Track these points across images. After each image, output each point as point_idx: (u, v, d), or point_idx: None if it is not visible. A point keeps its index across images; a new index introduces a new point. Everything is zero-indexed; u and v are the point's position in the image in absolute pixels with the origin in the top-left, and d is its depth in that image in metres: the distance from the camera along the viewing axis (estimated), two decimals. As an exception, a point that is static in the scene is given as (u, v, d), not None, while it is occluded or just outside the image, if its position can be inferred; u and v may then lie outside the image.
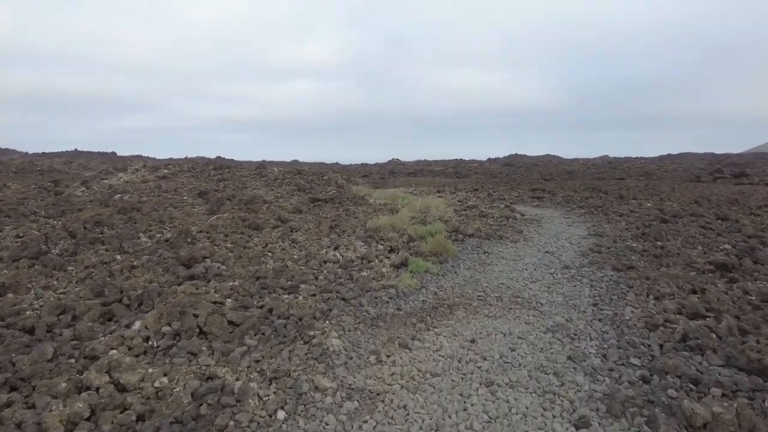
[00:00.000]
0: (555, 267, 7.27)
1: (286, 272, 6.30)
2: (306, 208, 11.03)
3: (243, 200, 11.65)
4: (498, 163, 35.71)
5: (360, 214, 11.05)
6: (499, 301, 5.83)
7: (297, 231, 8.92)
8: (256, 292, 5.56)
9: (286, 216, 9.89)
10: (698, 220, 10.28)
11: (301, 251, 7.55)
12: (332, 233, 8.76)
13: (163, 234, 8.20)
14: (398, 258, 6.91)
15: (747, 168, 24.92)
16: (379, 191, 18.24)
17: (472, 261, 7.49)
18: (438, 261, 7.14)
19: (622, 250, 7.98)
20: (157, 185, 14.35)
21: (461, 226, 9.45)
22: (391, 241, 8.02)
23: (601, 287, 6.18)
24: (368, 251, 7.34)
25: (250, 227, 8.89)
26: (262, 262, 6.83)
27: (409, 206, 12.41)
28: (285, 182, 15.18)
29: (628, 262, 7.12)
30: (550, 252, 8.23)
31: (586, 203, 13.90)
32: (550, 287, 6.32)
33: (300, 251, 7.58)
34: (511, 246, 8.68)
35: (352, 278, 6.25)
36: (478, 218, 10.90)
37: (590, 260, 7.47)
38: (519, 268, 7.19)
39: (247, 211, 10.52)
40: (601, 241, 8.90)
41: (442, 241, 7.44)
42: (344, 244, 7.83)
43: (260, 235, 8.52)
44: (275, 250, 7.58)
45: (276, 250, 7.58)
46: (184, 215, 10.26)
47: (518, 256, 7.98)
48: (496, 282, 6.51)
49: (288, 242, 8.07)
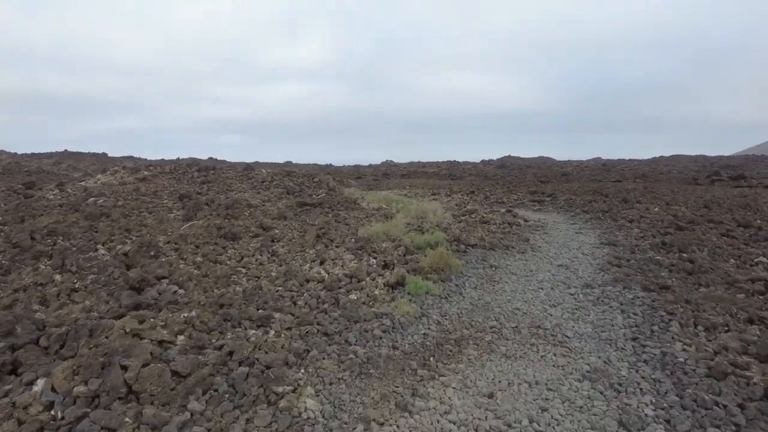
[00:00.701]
0: (574, 285, 6.09)
1: (258, 296, 5.07)
2: (292, 214, 9.79)
3: (223, 205, 10.38)
4: (492, 164, 34.61)
5: (351, 220, 9.83)
6: (516, 333, 4.63)
7: (279, 241, 7.68)
8: (216, 325, 4.33)
9: (268, 223, 8.64)
10: (718, 227, 9.16)
11: (281, 266, 6.32)
12: (319, 243, 7.53)
13: (126, 245, 6.93)
14: (393, 276, 5.70)
15: (743, 170, 23.99)
16: (372, 194, 17.03)
17: (479, 278, 6.29)
18: (440, 279, 5.94)
19: (645, 264, 6.82)
20: (136, 188, 13.03)
21: (462, 235, 8.26)
22: (385, 254, 6.80)
23: (636, 314, 5.00)
24: (358, 267, 6.12)
25: (226, 237, 7.64)
26: (233, 282, 5.59)
27: (405, 211, 11.21)
28: (273, 185, 13.91)
29: (659, 280, 5.96)
30: (565, 266, 7.06)
31: (590, 207, 12.77)
32: (574, 313, 5.14)
33: (279, 266, 6.35)
34: (520, 258, 7.50)
35: (338, 303, 5.04)
36: (479, 225, 9.72)
37: (613, 276, 6.30)
38: (533, 287, 6.01)
39: (226, 218, 9.26)
40: (617, 252, 7.75)
41: (443, 255, 6.24)
42: (331, 258, 6.61)
43: (236, 246, 7.27)
44: (250, 266, 6.34)
45: (251, 266, 6.34)
46: (157, 222, 8.99)
47: (529, 270, 6.80)
48: (509, 306, 5.31)
49: (267, 255, 6.83)
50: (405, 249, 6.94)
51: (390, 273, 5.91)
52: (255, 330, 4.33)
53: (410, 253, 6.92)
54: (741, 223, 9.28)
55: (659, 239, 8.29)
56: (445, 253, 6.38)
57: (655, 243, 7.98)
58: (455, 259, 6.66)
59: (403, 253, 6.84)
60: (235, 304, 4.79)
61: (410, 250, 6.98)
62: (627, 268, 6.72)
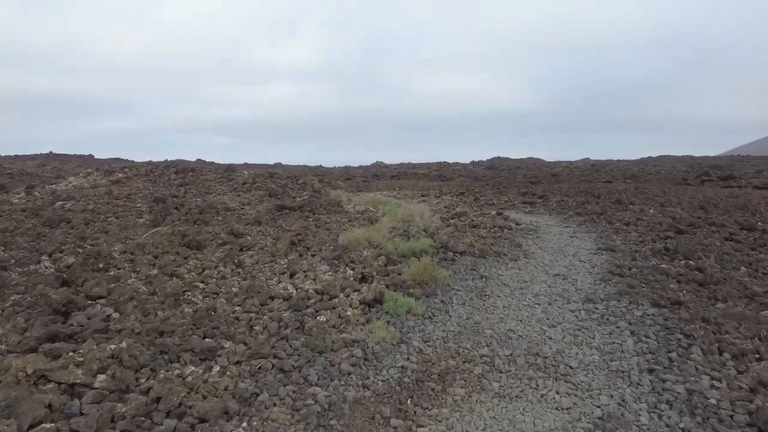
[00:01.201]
0: (574, 300, 5.31)
1: (209, 320, 4.23)
2: (268, 218, 8.93)
3: (195, 209, 9.50)
4: (482, 165, 33.92)
5: (333, 225, 9.00)
6: (511, 363, 3.83)
7: (248, 249, 6.83)
8: (149, 360, 3.48)
9: (240, 229, 7.78)
10: (720, 230, 8.46)
11: (245, 280, 5.47)
12: (293, 252, 6.69)
13: (71, 257, 6.04)
14: (371, 291, 4.88)
15: (731, 171, 23.49)
16: (359, 196, 16.21)
17: (467, 291, 5.49)
18: (423, 294, 5.13)
19: (650, 273, 6.07)
20: (108, 191, 12.09)
21: (451, 241, 7.46)
22: (364, 264, 5.98)
23: (648, 336, 4.23)
24: (333, 280, 5.30)
25: (190, 245, 6.78)
26: (184, 300, 4.74)
27: (390, 214, 10.40)
28: (255, 187, 13.03)
29: (669, 294, 5.20)
30: (562, 275, 6.29)
31: (583, 209, 12.04)
32: (576, 335, 4.35)
33: (243, 280, 5.51)
34: (512, 266, 6.72)
35: (303, 327, 4.21)
36: (468, 229, 8.93)
37: (617, 289, 5.53)
38: (528, 302, 5.22)
39: (195, 223, 8.38)
40: (616, 259, 7.00)
41: (428, 266, 5.43)
42: (303, 269, 5.77)
43: (199, 256, 6.41)
44: (210, 280, 5.49)
45: (211, 280, 5.50)
46: (120, 229, 8.09)
47: (523, 281, 6.02)
48: (502, 327, 4.51)
49: (231, 266, 5.98)
50: (386, 259, 6.11)
51: (367, 288, 5.08)
52: (196, 366, 3.49)
53: (392, 262, 6.11)
54: (744, 226, 8.59)
55: (661, 244, 7.56)
56: (430, 264, 5.57)
57: (657, 249, 7.23)
58: (442, 269, 5.86)
59: (384, 263, 6.02)
60: (179, 331, 3.94)
61: (392, 259, 6.17)
62: (630, 278, 5.97)
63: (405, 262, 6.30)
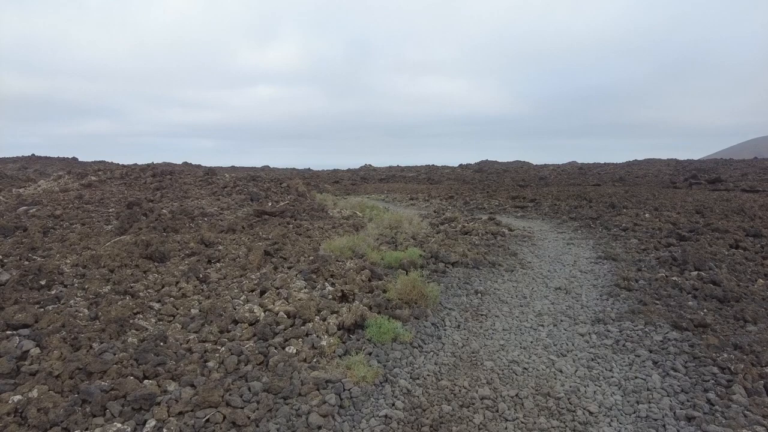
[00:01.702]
0: (582, 320, 4.60)
1: (154, 353, 3.42)
2: (245, 225, 8.10)
3: (167, 215, 8.64)
4: (470, 169, 33.35)
5: (315, 232, 8.21)
6: (518, 406, 3.09)
7: (217, 261, 6.01)
8: (62, 416, 2.67)
9: (212, 238, 6.96)
10: (724, 237, 7.85)
11: (207, 300, 4.67)
12: (267, 264, 5.89)
13: (16, 272, 5.17)
14: (351, 314, 4.11)
15: (719, 174, 23.18)
16: (346, 200, 15.43)
17: (462, 310, 4.75)
18: (412, 315, 4.37)
19: (661, 287, 5.39)
20: (79, 195, 11.15)
21: (441, 250, 6.73)
22: (345, 279, 5.20)
23: (676, 369, 3.52)
24: (308, 300, 4.52)
25: (152, 257, 5.94)
26: (132, 326, 3.92)
27: (377, 220, 9.65)
28: (236, 191, 12.18)
29: (689, 313, 4.51)
30: (564, 289, 5.59)
31: (577, 213, 11.41)
32: (591, 367, 3.63)
33: (206, 299, 4.70)
34: (509, 278, 6.01)
35: (268, 362, 3.42)
36: (460, 236, 8.21)
37: (628, 306, 4.84)
38: (531, 323, 4.49)
39: (165, 231, 7.53)
40: (621, 269, 6.33)
41: (416, 282, 4.67)
42: (276, 286, 4.98)
43: (161, 270, 5.59)
44: (168, 299, 4.67)
45: (169, 299, 4.67)
46: (81, 237, 7.21)
47: (522, 296, 5.30)
48: (504, 357, 3.78)
49: (194, 282, 5.16)
50: (370, 273, 5.34)
51: (348, 309, 4.31)
52: (124, 421, 2.69)
53: (377, 277, 5.34)
54: (749, 233, 7.99)
55: (666, 253, 6.91)
56: (419, 279, 4.81)
57: (663, 258, 6.58)
58: (432, 283, 5.11)
59: (368, 278, 5.25)
60: (113, 371, 3.13)
61: (377, 273, 5.40)
62: (641, 292, 5.28)
63: (392, 275, 5.55)
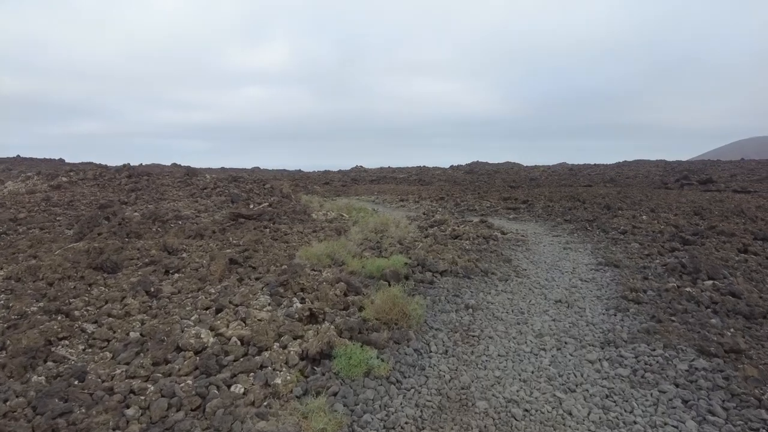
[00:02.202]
0: (589, 341, 3.88)
1: (61, 398, 2.65)
2: (216, 230, 7.31)
3: (135, 218, 7.82)
4: (461, 170, 32.69)
5: (293, 237, 7.44)
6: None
7: (176, 272, 5.22)
8: None
9: (176, 244, 6.16)
10: (731, 240, 7.20)
11: (152, 320, 3.89)
12: (231, 275, 5.11)
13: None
14: (317, 340, 3.36)
15: (709, 175, 22.70)
16: (333, 201, 14.66)
17: (450, 331, 4.01)
18: (391, 338, 3.63)
19: (675, 299, 4.69)
20: (46, 197, 10.28)
21: (429, 257, 5.99)
22: (317, 293, 4.43)
23: (714, 411, 2.80)
24: (268, 321, 3.75)
25: (102, 267, 5.14)
26: (50, 358, 3.14)
27: (362, 223, 8.89)
28: (216, 192, 11.36)
29: (713, 334, 3.81)
30: (564, 302, 4.87)
31: (572, 216, 10.74)
32: (607, 408, 2.90)
33: (152, 319, 3.92)
34: (503, 289, 5.28)
35: (204, 408, 2.66)
36: (449, 241, 7.48)
37: (640, 325, 4.13)
38: (530, 348, 3.76)
39: (126, 236, 6.72)
40: (625, 278, 5.63)
41: (397, 300, 3.93)
42: (236, 303, 4.21)
43: (110, 282, 4.79)
44: (105, 319, 3.88)
45: (107, 319, 3.88)
46: (32, 244, 6.39)
47: (519, 311, 4.57)
48: (500, 394, 3.04)
49: (142, 298, 4.37)
50: (346, 286, 4.58)
51: (315, 332, 3.55)
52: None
53: (354, 290, 4.58)
54: (758, 236, 7.35)
55: (672, 258, 6.24)
56: (401, 296, 4.06)
57: (670, 265, 5.89)
58: (418, 298, 4.36)
59: (344, 292, 4.50)
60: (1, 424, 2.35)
61: (354, 286, 4.64)
62: (652, 306, 4.58)
63: (373, 286, 4.80)
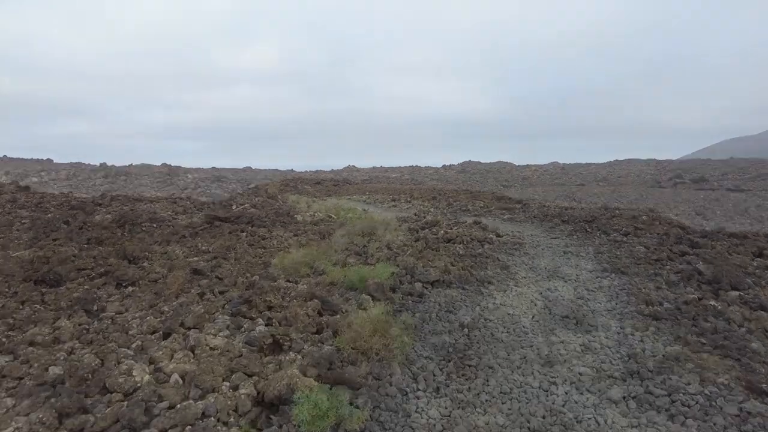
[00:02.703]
0: (608, 371, 3.17)
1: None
2: (186, 234, 6.55)
3: (99, 222, 7.04)
4: (453, 169, 32.07)
5: (272, 242, 6.70)
6: None
7: (130, 285, 4.47)
8: None
9: (137, 251, 5.39)
10: (743, 243, 6.58)
11: (84, 349, 3.14)
12: (191, 289, 4.37)
13: None
14: (275, 380, 2.64)
15: (698, 173, 22.28)
16: (322, 201, 13.93)
17: (443, 360, 3.29)
18: (370, 374, 2.91)
19: (700, 315, 4.00)
20: (13, 198, 9.47)
21: (419, 265, 5.29)
22: (286, 314, 3.71)
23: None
24: (221, 352, 3.02)
25: (43, 280, 4.37)
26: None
27: (349, 226, 8.16)
28: (197, 192, 10.57)
29: (759, 363, 3.14)
30: (572, 318, 4.18)
31: (569, 216, 10.10)
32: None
33: (82, 349, 3.17)
34: (501, 303, 4.58)
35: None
36: (441, 245, 6.78)
37: (663, 346, 3.44)
38: (539, 381, 3.06)
39: (86, 242, 5.95)
40: (637, 287, 4.96)
41: (379, 324, 3.21)
42: (188, 325, 3.47)
43: (46, 300, 4.03)
44: (25, 349, 3.13)
45: (28, 348, 3.13)
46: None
47: (522, 331, 3.87)
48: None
49: (77, 320, 3.62)
50: (321, 303, 3.86)
51: (274, 368, 2.83)
52: None
53: (330, 309, 3.85)
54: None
55: (684, 264, 5.59)
56: (383, 319, 3.34)
57: (685, 272, 5.24)
58: (405, 316, 3.65)
59: (317, 311, 3.77)
60: None
61: (330, 304, 3.91)
62: (673, 323, 3.90)
63: (353, 302, 4.08)
